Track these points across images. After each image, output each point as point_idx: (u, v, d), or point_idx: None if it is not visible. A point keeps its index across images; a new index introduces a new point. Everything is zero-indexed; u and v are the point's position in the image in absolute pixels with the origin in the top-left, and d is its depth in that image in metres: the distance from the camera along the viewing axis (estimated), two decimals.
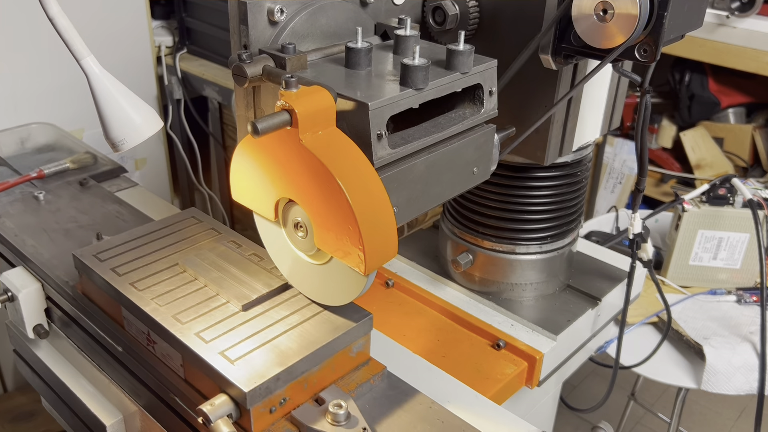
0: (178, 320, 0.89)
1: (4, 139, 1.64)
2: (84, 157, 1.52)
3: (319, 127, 0.74)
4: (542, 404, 1.28)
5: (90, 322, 1.03)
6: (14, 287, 1.13)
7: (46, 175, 1.44)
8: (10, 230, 1.25)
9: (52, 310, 1.15)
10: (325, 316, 0.90)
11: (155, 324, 0.89)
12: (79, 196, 1.39)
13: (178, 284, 0.96)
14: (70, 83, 2.13)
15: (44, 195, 1.37)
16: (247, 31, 0.82)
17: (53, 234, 1.24)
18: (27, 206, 1.34)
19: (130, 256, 1.02)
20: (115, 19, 2.22)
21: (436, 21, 0.99)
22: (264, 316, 0.91)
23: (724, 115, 2.53)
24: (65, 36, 0.79)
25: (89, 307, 1.04)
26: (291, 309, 0.92)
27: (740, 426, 2.36)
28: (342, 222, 0.75)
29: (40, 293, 1.14)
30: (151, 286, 0.95)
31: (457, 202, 1.20)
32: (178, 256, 1.02)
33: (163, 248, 1.05)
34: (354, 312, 0.91)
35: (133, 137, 0.85)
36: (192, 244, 1.05)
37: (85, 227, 1.27)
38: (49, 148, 1.67)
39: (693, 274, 1.64)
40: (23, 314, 1.13)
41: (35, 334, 1.15)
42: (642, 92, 0.98)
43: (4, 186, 1.38)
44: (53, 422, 1.77)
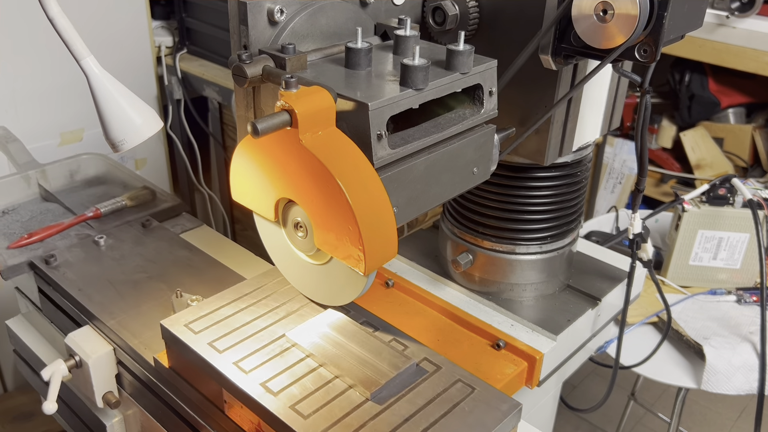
0: (298, 413, 0.77)
1: (52, 172, 1.53)
2: (142, 193, 1.41)
3: (319, 127, 0.74)
4: (542, 404, 1.28)
5: (178, 400, 0.93)
6: (83, 352, 1.02)
7: (102, 214, 1.34)
8: (72, 283, 1.14)
9: (123, 377, 1.05)
10: (466, 406, 0.79)
11: (270, 416, 0.77)
12: (143, 240, 1.27)
13: (288, 364, 0.84)
14: (70, 83, 2.13)
15: (105, 240, 1.26)
16: (247, 32, 0.82)
17: (121, 287, 1.13)
18: (88, 253, 1.23)
19: (227, 327, 0.91)
20: (115, 19, 2.22)
21: (436, 21, 0.99)
22: (396, 408, 0.79)
23: (724, 115, 2.53)
24: (65, 36, 0.79)
25: (179, 383, 0.93)
26: (426, 398, 0.80)
27: (740, 426, 2.36)
28: (342, 222, 0.75)
29: (112, 359, 1.04)
30: (259, 366, 0.84)
31: (457, 202, 1.20)
32: (281, 326, 0.91)
33: (262, 316, 0.93)
34: (501, 402, 0.80)
35: (133, 137, 0.85)
36: (292, 309, 0.93)
37: (156, 278, 1.16)
38: (100, 181, 1.56)
39: (693, 274, 1.64)
40: (93, 382, 1.03)
41: (105, 404, 1.06)
42: (642, 92, 0.98)
43: (58, 228, 1.28)
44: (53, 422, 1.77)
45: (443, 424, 0.77)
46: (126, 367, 1.04)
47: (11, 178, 1.49)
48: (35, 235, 1.27)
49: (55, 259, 1.20)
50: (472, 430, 0.76)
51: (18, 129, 1.80)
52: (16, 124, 1.96)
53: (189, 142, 2.51)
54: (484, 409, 0.79)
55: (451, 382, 0.84)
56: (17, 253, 1.24)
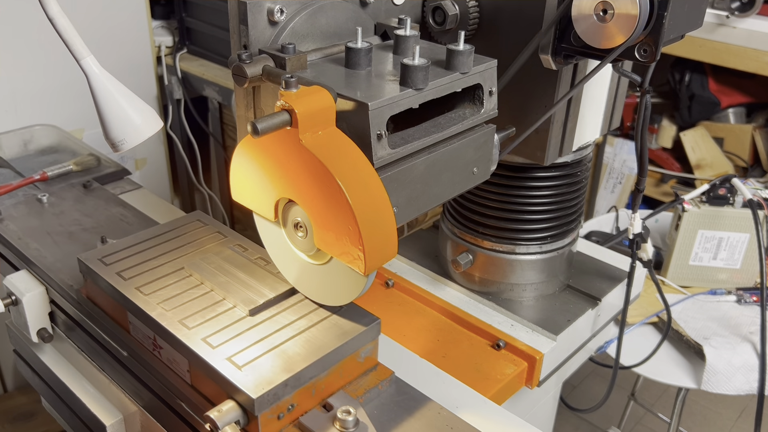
0: (184, 325, 0.88)
1: (6, 141, 1.63)
2: (87, 159, 1.51)
3: (319, 127, 0.74)
4: (542, 404, 1.28)
5: (95, 326, 1.03)
6: (18, 291, 1.11)
7: (49, 178, 1.43)
8: (13, 233, 1.24)
9: (56, 314, 1.14)
10: (332, 321, 0.89)
11: (161, 329, 0.88)
12: (83, 198, 1.38)
13: (184, 288, 0.95)
14: (70, 83, 2.13)
15: (48, 197, 1.36)
16: (246, 31, 0.82)
17: (57, 237, 1.23)
18: (31, 209, 1.33)
19: (136, 260, 1.01)
20: (115, 19, 2.22)
21: (436, 21, 0.99)
22: (271, 321, 0.90)
23: (724, 115, 2.53)
24: (65, 36, 0.79)
25: (94, 311, 1.03)
26: (298, 314, 0.91)
27: (740, 426, 2.36)
28: (342, 222, 0.75)
29: (45, 297, 1.13)
30: (157, 291, 0.94)
31: (457, 202, 1.20)
32: (183, 260, 1.01)
33: (168, 252, 1.04)
34: (362, 317, 0.90)
35: (133, 137, 0.85)
36: (197, 248, 1.04)
37: (90, 230, 1.26)
38: (52, 150, 1.66)
39: (693, 274, 1.64)
40: (27, 318, 1.12)
41: (39, 338, 1.14)
42: (642, 92, 0.98)
43: (7, 188, 1.37)
44: (53, 422, 1.77)
45: (309, 333, 0.87)
46: (57, 306, 1.12)
47: None
48: None
49: (0, 214, 1.31)
50: (335, 338, 0.86)
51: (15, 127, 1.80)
52: (16, 124, 1.96)
53: (189, 142, 2.51)
54: (347, 321, 0.89)
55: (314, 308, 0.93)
56: None
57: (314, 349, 0.84)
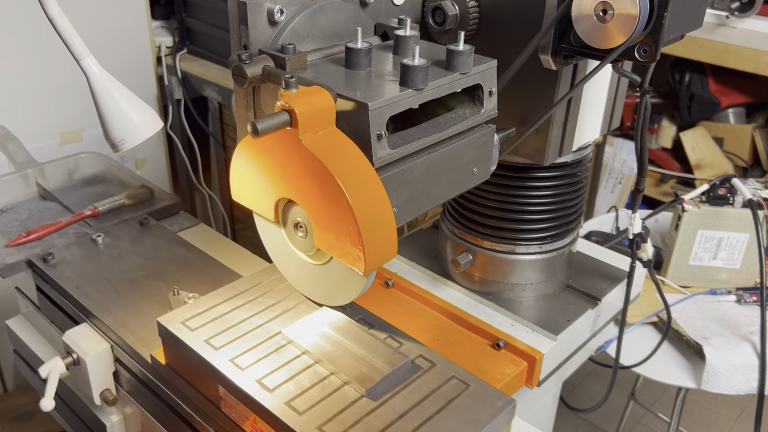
0: (294, 409, 0.78)
1: (50, 171, 1.53)
2: (140, 192, 1.41)
3: (319, 127, 0.74)
4: (542, 404, 1.28)
5: (175, 397, 0.94)
6: (81, 349, 1.02)
7: (100, 213, 1.34)
8: (70, 281, 1.14)
9: (121, 374, 1.05)
10: (461, 403, 0.79)
11: (266, 413, 0.78)
12: (141, 238, 1.27)
13: (284, 360, 0.85)
14: (70, 83, 2.13)
15: (103, 238, 1.26)
16: (246, 32, 0.82)
17: (118, 285, 1.13)
18: (85, 251, 1.23)
19: (223, 324, 0.91)
20: (115, 19, 2.22)
21: (436, 21, 0.99)
22: (392, 403, 0.79)
23: (724, 115, 2.53)
24: (65, 36, 0.79)
25: (175, 380, 0.93)
26: (421, 394, 0.80)
27: (740, 426, 2.36)
28: (342, 222, 0.75)
29: (109, 356, 1.04)
30: (254, 363, 0.84)
31: (456, 203, 1.20)
32: (277, 323, 0.91)
33: (258, 313, 0.93)
34: (495, 398, 0.80)
35: (133, 137, 0.85)
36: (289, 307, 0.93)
37: (154, 276, 1.16)
38: (98, 180, 1.56)
39: (693, 274, 1.64)
40: (90, 380, 1.03)
41: (102, 401, 1.06)
42: (642, 92, 0.98)
43: (57, 227, 1.28)
44: (53, 422, 1.77)
45: (437, 420, 0.77)
46: (123, 365, 1.04)
47: (9, 176, 1.49)
48: (33, 233, 1.27)
49: (53, 257, 1.19)
50: (467, 426, 0.76)
51: (18, 129, 1.80)
52: (16, 124, 1.96)
53: (189, 142, 2.51)
54: (479, 405, 0.79)
55: (445, 379, 0.84)
56: (15, 251, 1.24)
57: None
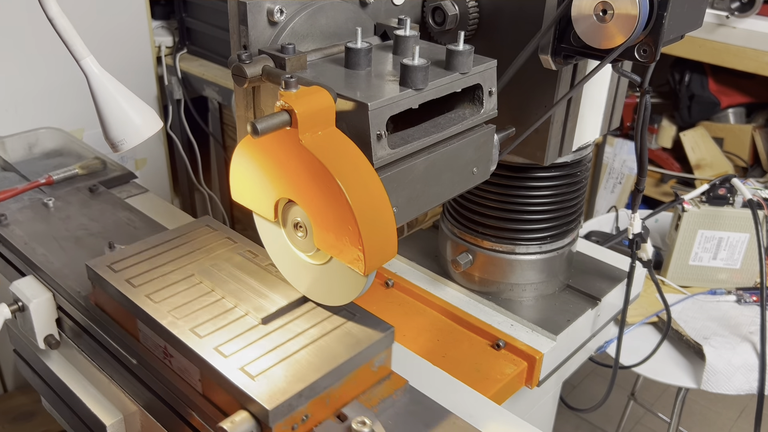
0: (196, 334, 0.86)
1: (11, 144, 1.61)
2: (93, 162, 1.49)
3: (319, 127, 0.74)
4: (542, 404, 1.28)
5: (104, 333, 1.01)
6: (25, 297, 1.10)
7: (55, 181, 1.41)
8: (19, 238, 1.23)
9: (63, 321, 1.12)
10: (346, 329, 0.88)
11: (173, 338, 0.86)
12: (89, 202, 1.36)
13: (195, 296, 0.93)
14: (70, 83, 2.13)
15: (54, 202, 1.34)
16: (246, 32, 0.82)
17: (64, 242, 1.22)
18: (36, 213, 1.31)
19: (145, 267, 0.99)
20: (115, 19, 2.22)
21: (436, 21, 0.99)
22: (284, 329, 0.88)
23: (723, 115, 2.53)
24: (65, 36, 0.79)
25: (103, 318, 1.01)
26: (311, 322, 0.89)
27: (740, 426, 2.36)
28: (341, 222, 0.75)
29: (52, 303, 1.11)
30: (168, 298, 0.92)
31: (456, 202, 1.20)
32: (193, 266, 0.99)
33: (178, 258, 1.02)
34: (375, 324, 0.88)
35: (133, 137, 0.85)
36: (207, 254, 1.02)
37: (96, 235, 1.24)
38: (57, 153, 1.63)
39: (693, 274, 1.64)
40: (34, 325, 1.10)
41: (46, 345, 1.13)
42: (642, 92, 0.98)
43: (12, 192, 1.35)
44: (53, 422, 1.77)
45: (322, 342, 0.86)
46: (65, 312, 1.10)
47: None
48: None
49: (5, 218, 1.29)
50: (347, 348, 0.85)
51: (18, 129, 1.80)
52: (16, 124, 1.96)
53: (189, 142, 2.51)
54: (361, 329, 0.88)
55: (336, 310, 0.92)
56: None
57: (328, 358, 0.83)
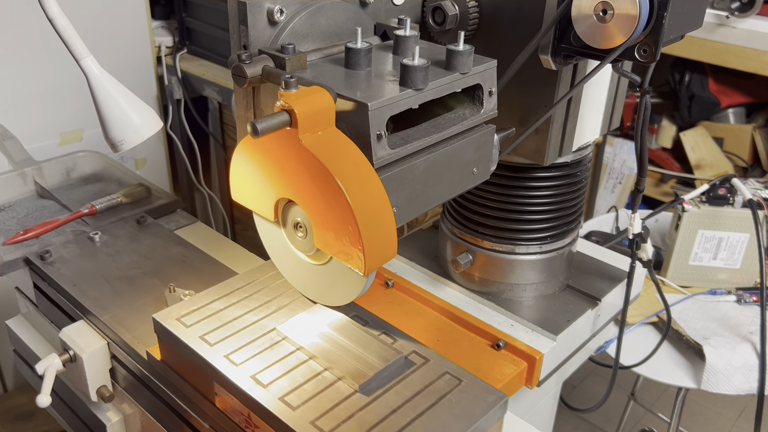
0: (287, 404, 0.78)
1: (48, 169, 1.54)
2: (137, 190, 1.42)
3: (319, 127, 0.74)
4: (542, 404, 1.28)
5: (169, 392, 0.94)
6: (77, 346, 1.03)
7: (98, 211, 1.35)
8: (67, 279, 1.15)
9: (117, 371, 1.06)
10: (453, 399, 0.80)
11: (260, 408, 0.78)
12: (138, 236, 1.28)
13: (279, 356, 0.85)
14: (70, 83, 2.13)
15: (100, 236, 1.26)
16: (246, 32, 0.82)
17: (115, 283, 1.14)
18: (83, 249, 1.23)
19: (218, 321, 0.91)
20: (115, 19, 2.22)
21: (436, 21, 0.99)
22: (385, 400, 0.80)
23: (724, 115, 2.53)
24: (65, 36, 0.79)
25: (169, 375, 0.94)
26: (414, 389, 0.81)
27: (740, 426, 2.36)
28: (341, 222, 0.75)
29: (106, 353, 1.05)
30: (249, 359, 0.85)
31: (456, 203, 1.20)
32: (272, 319, 0.91)
33: (253, 310, 0.94)
34: (486, 392, 0.81)
35: (133, 138, 0.85)
36: (284, 302, 0.94)
37: (150, 274, 1.17)
38: (96, 178, 1.56)
39: (693, 274, 1.64)
40: (87, 376, 1.04)
41: (99, 398, 1.07)
42: (642, 92, 0.98)
43: (54, 224, 1.29)
44: (53, 422, 1.77)
45: (430, 415, 0.78)
46: (120, 362, 1.04)
47: (8, 175, 1.49)
48: (31, 231, 1.28)
49: (50, 255, 1.19)
50: (459, 421, 0.77)
51: (18, 129, 1.80)
52: (16, 124, 1.96)
53: (189, 142, 2.51)
54: (471, 400, 0.80)
55: (438, 375, 0.85)
56: (13, 249, 1.25)
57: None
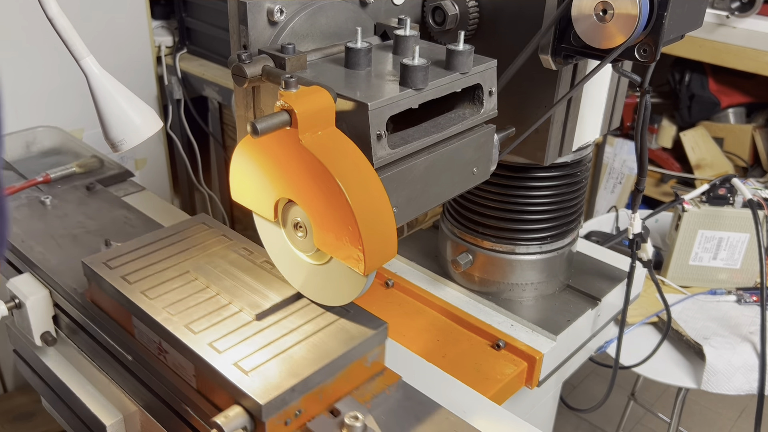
0: (190, 330, 0.87)
1: (9, 142, 1.61)
2: (90, 161, 1.49)
3: (319, 127, 0.74)
4: (542, 404, 1.28)
5: (99, 330, 1.02)
6: (22, 294, 1.10)
7: (52, 180, 1.41)
8: (17, 236, 1.23)
9: (60, 317, 1.13)
10: (339, 325, 0.89)
11: (167, 334, 0.87)
12: (87, 200, 1.36)
13: (189, 292, 0.94)
14: (70, 83, 2.13)
15: (51, 200, 1.34)
16: (246, 32, 0.82)
17: (61, 240, 1.22)
18: (34, 211, 1.32)
19: (141, 264, 1.00)
20: (115, 19, 2.22)
21: (436, 21, 0.99)
22: (278, 325, 0.89)
23: (724, 115, 2.53)
24: (64, 36, 0.79)
25: (98, 315, 1.01)
26: (305, 318, 0.90)
27: (740, 426, 2.36)
28: (341, 222, 0.75)
29: (48, 300, 1.12)
30: (163, 295, 0.93)
31: (456, 203, 1.20)
32: (189, 263, 1.00)
33: (173, 255, 1.02)
34: (369, 320, 0.89)
35: (133, 138, 0.85)
36: (203, 251, 1.03)
37: (93, 233, 1.24)
38: (55, 151, 1.64)
39: (693, 274, 1.64)
40: (31, 321, 1.11)
41: (43, 342, 1.13)
42: (642, 92, 0.98)
43: (10, 190, 1.35)
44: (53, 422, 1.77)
45: (316, 338, 0.86)
46: (61, 309, 1.11)
47: None
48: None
49: None
50: (341, 344, 0.85)
51: (18, 129, 1.80)
52: (16, 124, 1.96)
53: (189, 142, 2.51)
54: (354, 326, 0.89)
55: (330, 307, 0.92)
56: None
57: (321, 353, 0.83)
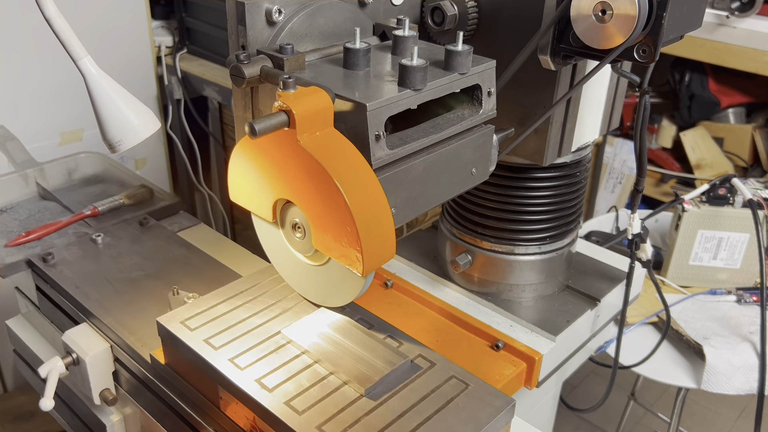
0: (293, 408, 0.78)
1: (50, 170, 1.53)
2: (140, 191, 1.41)
3: (317, 127, 0.74)
4: (542, 404, 1.28)
5: (173, 396, 0.94)
6: (80, 349, 1.02)
7: (100, 213, 1.34)
8: (69, 280, 1.14)
9: (121, 374, 1.05)
10: (460, 403, 0.79)
11: (265, 412, 0.78)
12: (140, 237, 1.27)
13: (283, 360, 0.85)
14: (70, 83, 2.13)
15: (102, 237, 1.25)
16: (245, 32, 0.82)
17: (118, 285, 1.13)
18: (85, 251, 1.22)
19: (223, 324, 0.91)
20: (115, 19, 2.22)
21: (435, 21, 0.99)
22: (391, 404, 0.79)
23: (724, 115, 2.53)
24: (62, 37, 0.79)
25: (174, 379, 0.93)
26: (420, 393, 0.81)
27: (740, 426, 2.36)
28: (340, 223, 0.74)
29: (109, 355, 1.04)
30: (254, 363, 0.84)
31: (455, 203, 1.19)
32: (277, 323, 0.91)
33: (258, 313, 0.93)
34: (493, 397, 0.80)
35: (131, 138, 0.84)
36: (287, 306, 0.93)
37: (154, 276, 1.16)
38: (98, 179, 1.56)
39: (693, 274, 1.64)
40: (90, 379, 1.03)
41: (102, 401, 1.06)
42: (641, 92, 0.98)
43: (56, 226, 1.28)
44: (53, 422, 1.77)
45: (437, 420, 0.78)
46: (123, 365, 1.04)
47: (9, 176, 1.48)
48: (33, 233, 1.27)
49: (52, 257, 1.19)
50: (466, 426, 0.76)
51: (18, 129, 1.80)
52: (16, 124, 1.96)
53: (189, 142, 2.51)
54: (478, 404, 0.80)
55: (444, 379, 0.85)
56: (15, 251, 1.24)
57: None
